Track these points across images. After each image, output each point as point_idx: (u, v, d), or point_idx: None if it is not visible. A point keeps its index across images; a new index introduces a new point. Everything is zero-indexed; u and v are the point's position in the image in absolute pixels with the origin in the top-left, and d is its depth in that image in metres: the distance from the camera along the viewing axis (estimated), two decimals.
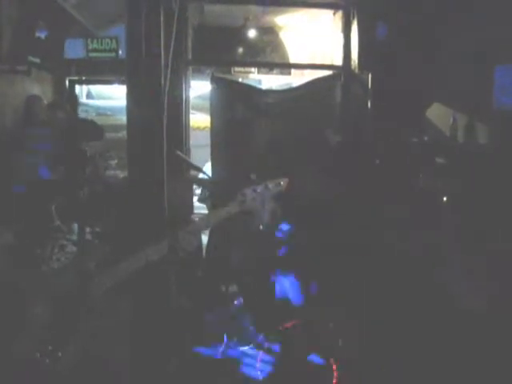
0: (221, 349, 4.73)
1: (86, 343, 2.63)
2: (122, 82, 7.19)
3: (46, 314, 2.55)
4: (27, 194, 2.89)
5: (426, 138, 4.81)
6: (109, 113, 9.88)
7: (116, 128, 8.38)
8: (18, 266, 2.70)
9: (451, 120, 4.57)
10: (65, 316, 2.57)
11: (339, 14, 6.00)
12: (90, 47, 7.06)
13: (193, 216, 5.78)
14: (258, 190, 2.84)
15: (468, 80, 4.32)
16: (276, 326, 4.42)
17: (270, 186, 2.89)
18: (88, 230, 2.83)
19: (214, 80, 5.93)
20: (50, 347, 2.54)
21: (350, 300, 4.33)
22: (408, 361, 3.85)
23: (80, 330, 2.59)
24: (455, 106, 4.61)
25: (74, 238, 2.78)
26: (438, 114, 4.81)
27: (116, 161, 7.32)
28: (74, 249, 2.78)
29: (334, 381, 3.91)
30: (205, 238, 5.59)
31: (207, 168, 6.17)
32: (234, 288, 5.04)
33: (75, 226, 2.79)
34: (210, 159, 5.97)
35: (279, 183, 2.92)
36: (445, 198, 4.43)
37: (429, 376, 3.72)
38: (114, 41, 7.01)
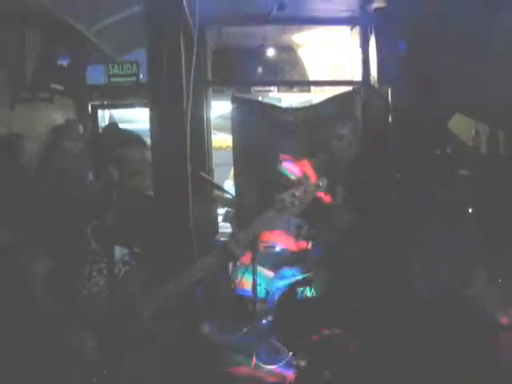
0: (250, 368, 4.71)
1: (136, 368, 2.57)
2: (143, 106, 7.27)
3: (95, 339, 2.50)
4: (61, 217, 2.86)
5: (448, 150, 4.79)
6: None
7: None
8: (58, 292, 2.63)
9: (473, 131, 4.55)
10: (115, 340, 2.51)
11: (356, 29, 6.03)
12: (111, 72, 7.15)
13: (218, 236, 5.79)
14: (297, 194, 2.59)
15: (490, 90, 4.30)
16: (304, 342, 4.38)
17: (310, 188, 2.63)
18: (126, 250, 2.74)
19: (234, 100, 5.98)
20: (104, 371, 2.49)
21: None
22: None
23: (131, 354, 2.53)
24: (477, 117, 4.59)
25: (113, 260, 2.67)
26: (460, 125, 4.79)
27: None
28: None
29: None
30: None
31: (227, 185, 6.18)
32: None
33: (115, 249, 2.71)
34: (229, 177, 6.00)
35: (319, 185, 2.66)
36: (470, 210, 4.39)
37: None
38: (134, 65, 7.09)
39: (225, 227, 6.15)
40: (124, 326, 2.50)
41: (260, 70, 7.68)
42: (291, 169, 4.83)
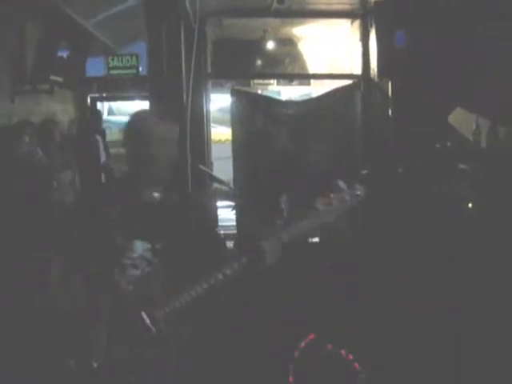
0: None
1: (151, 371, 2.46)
2: (142, 98, 7.27)
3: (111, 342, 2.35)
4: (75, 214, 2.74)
5: (448, 144, 4.78)
6: None
7: None
8: (77, 292, 2.49)
9: (474, 125, 4.53)
10: (130, 343, 2.36)
11: (357, 22, 6.01)
12: (111, 65, 7.16)
13: (217, 229, 5.74)
14: (334, 202, 2.49)
15: (491, 84, 4.30)
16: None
17: (348, 196, 2.54)
18: (148, 246, 2.56)
19: (233, 93, 5.96)
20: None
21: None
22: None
23: (145, 357, 2.40)
24: (478, 111, 4.57)
25: (135, 256, 2.52)
26: (460, 119, 4.77)
27: None
28: (135, 271, 2.52)
29: None
30: None
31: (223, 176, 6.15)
32: None
33: (136, 244, 2.53)
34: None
35: (357, 193, 2.57)
36: (470, 205, 4.38)
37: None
38: (134, 58, 7.10)
39: (224, 221, 6.12)
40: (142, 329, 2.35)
41: (260, 62, 7.66)
42: None
